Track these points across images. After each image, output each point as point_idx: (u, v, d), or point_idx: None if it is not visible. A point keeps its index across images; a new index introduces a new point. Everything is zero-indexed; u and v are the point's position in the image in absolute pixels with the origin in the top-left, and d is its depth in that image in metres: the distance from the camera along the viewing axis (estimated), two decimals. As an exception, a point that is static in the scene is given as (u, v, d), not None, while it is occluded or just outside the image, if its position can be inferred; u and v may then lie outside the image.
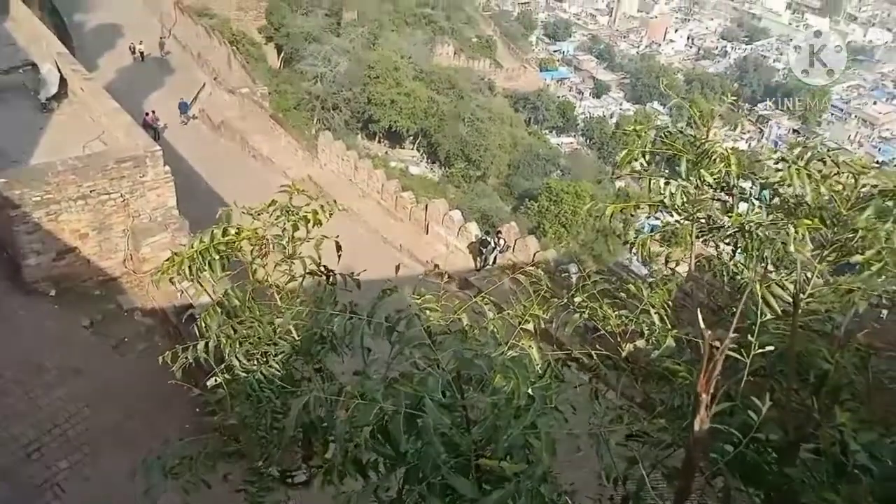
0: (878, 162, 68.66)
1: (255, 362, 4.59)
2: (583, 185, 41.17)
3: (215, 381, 4.54)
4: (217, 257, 4.59)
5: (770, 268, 4.95)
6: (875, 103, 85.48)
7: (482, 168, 47.82)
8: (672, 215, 5.36)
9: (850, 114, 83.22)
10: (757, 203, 5.33)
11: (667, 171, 5.54)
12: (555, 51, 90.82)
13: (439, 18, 70.64)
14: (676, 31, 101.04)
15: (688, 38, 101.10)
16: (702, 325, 3.41)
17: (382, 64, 45.76)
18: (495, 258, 19.93)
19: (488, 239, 19.96)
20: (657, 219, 5.92)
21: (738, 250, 5.21)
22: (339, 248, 4.90)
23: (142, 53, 32.73)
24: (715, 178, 5.20)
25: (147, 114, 25.96)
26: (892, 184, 4.55)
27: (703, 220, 5.37)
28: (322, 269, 4.82)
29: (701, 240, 5.51)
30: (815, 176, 4.69)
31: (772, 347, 3.64)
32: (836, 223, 4.66)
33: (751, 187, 5.44)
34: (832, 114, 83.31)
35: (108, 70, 29.01)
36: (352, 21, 52.95)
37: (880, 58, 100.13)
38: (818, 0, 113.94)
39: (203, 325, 4.55)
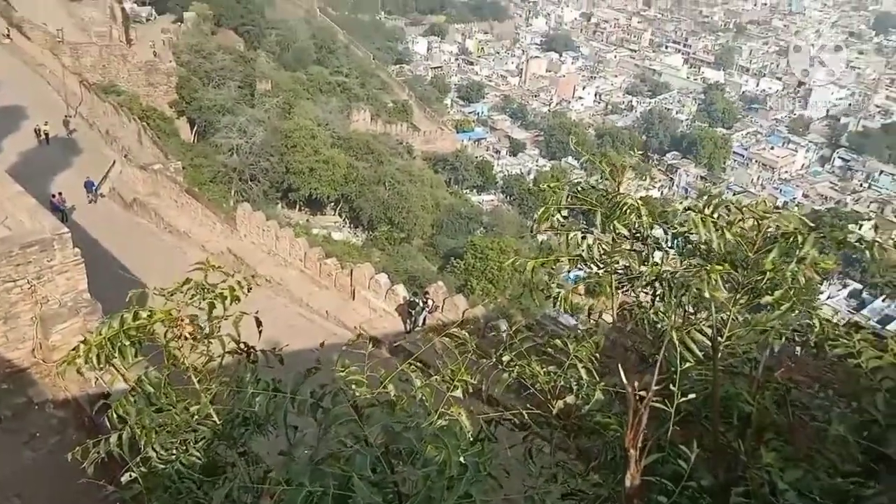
0: (777, 206, 72.15)
1: (175, 451, 4.34)
2: (506, 241, 41.83)
3: (130, 475, 4.26)
4: (128, 343, 4.38)
5: (691, 311, 5.01)
6: (773, 148, 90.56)
7: (406, 230, 47.98)
8: (592, 267, 5.41)
9: (750, 159, 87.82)
10: (671, 251, 5.42)
11: (584, 224, 5.62)
12: (470, 112, 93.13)
13: (354, 86, 71.62)
14: (584, 88, 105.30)
15: (595, 95, 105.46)
16: (624, 379, 3.43)
17: (299, 132, 45.77)
18: (424, 319, 19.81)
19: (416, 300, 19.86)
20: (581, 269, 5.89)
21: (657, 298, 5.28)
22: (258, 323, 4.75)
23: (46, 134, 31.76)
24: (628, 229, 5.28)
25: (54, 195, 25.08)
26: (792, 226, 4.72)
27: (621, 271, 5.42)
28: (242, 346, 4.65)
29: (622, 290, 5.55)
30: (719, 223, 4.79)
31: (694, 395, 3.68)
32: (746, 266, 4.78)
33: (663, 236, 5.56)
34: (734, 160, 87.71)
35: (11, 153, 28.05)
36: (266, 91, 53.09)
37: (773, 105, 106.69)
38: (712, 55, 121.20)
39: (115, 415, 4.30)
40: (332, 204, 49.68)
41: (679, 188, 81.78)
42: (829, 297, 52.09)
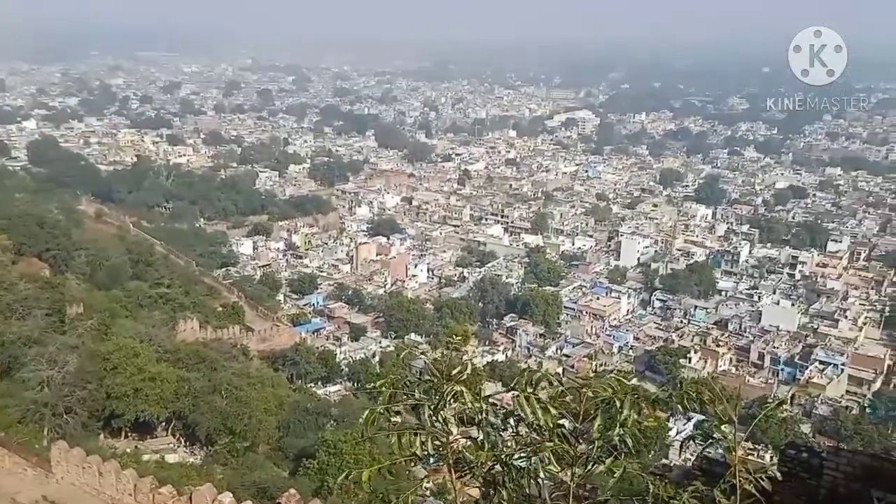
0: (595, 370, 75.43)
1: None
2: (360, 431, 39.96)
3: None
4: None
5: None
6: (598, 298, 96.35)
7: (249, 438, 44.86)
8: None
9: (581, 311, 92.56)
10: (506, 433, 5.38)
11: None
12: (305, 304, 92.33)
13: (177, 295, 69.36)
14: (416, 266, 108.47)
15: (428, 271, 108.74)
16: None
17: (119, 353, 42.67)
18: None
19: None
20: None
21: (499, 485, 5.22)
22: None
23: None
24: (460, 417, 5.35)
25: None
26: (609, 390, 4.76)
27: (459, 461, 5.39)
28: None
29: (463, 479, 5.44)
30: (543, 400, 4.81)
31: None
32: (576, 437, 4.92)
33: (496, 417, 5.41)
34: (567, 313, 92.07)
35: None
36: (78, 315, 49.67)
37: (590, 259, 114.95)
38: (528, 222, 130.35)
39: None
40: (164, 424, 45.76)
41: (521, 348, 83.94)
42: (678, 433, 53.60)
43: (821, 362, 74.58)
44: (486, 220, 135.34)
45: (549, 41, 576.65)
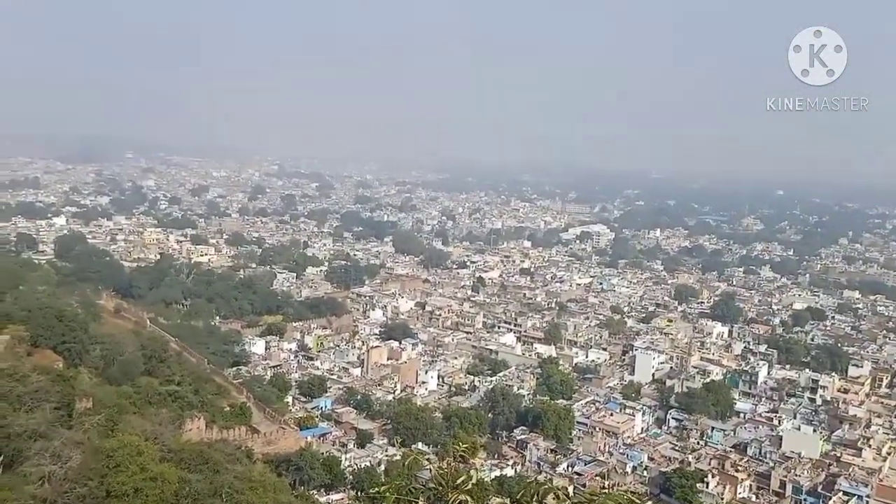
0: (626, 471, 73.01)
1: None
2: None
3: None
4: None
5: None
6: (612, 414, 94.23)
7: (248, 546, 43.21)
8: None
9: (594, 427, 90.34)
10: None
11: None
12: (313, 408, 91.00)
13: (187, 393, 69.05)
14: (427, 372, 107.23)
15: (438, 378, 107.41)
16: None
17: (123, 450, 41.72)
18: None
19: None
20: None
21: None
22: None
23: None
24: None
25: None
26: None
27: None
28: None
29: None
30: None
31: None
32: None
33: None
34: (579, 429, 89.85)
35: None
36: (86, 410, 49.22)
37: (604, 373, 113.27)
38: (541, 332, 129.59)
39: None
40: (163, 526, 44.23)
41: (531, 462, 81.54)
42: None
43: (845, 493, 71.59)
44: (499, 328, 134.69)
45: (566, 162, 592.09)
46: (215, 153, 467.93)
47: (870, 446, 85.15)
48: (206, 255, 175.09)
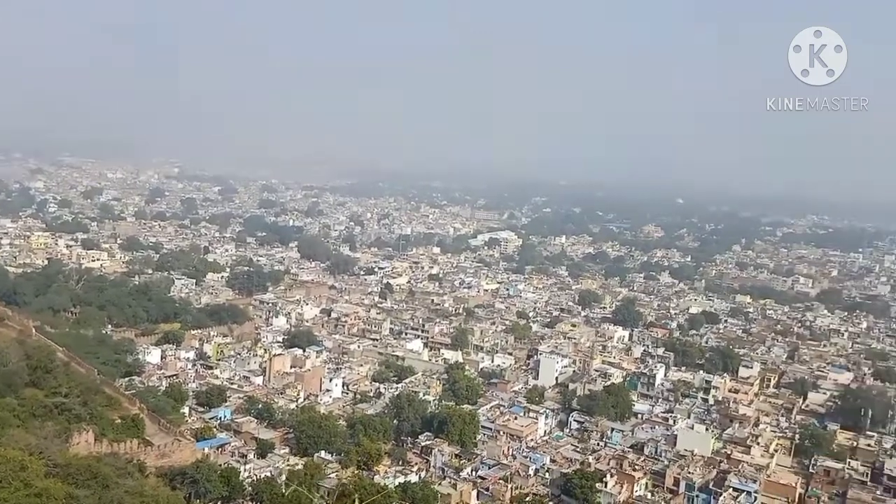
0: (511, 492, 72.81)
1: None
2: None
3: None
4: None
5: None
6: (516, 418, 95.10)
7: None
8: None
9: (498, 431, 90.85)
10: None
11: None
12: (211, 418, 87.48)
13: (74, 405, 65.68)
14: (331, 380, 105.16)
15: (343, 385, 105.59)
16: None
17: (6, 466, 39.63)
18: None
19: None
20: None
21: None
22: None
23: None
24: None
25: None
26: None
27: None
28: None
29: None
30: None
31: None
32: None
33: None
34: (484, 433, 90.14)
35: None
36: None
37: (509, 377, 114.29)
38: (448, 338, 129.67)
39: None
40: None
41: (436, 468, 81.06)
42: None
43: (734, 489, 74.45)
44: (406, 334, 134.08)
45: (476, 167, 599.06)
46: (109, 154, 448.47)
47: (758, 444, 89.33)
48: (98, 260, 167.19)
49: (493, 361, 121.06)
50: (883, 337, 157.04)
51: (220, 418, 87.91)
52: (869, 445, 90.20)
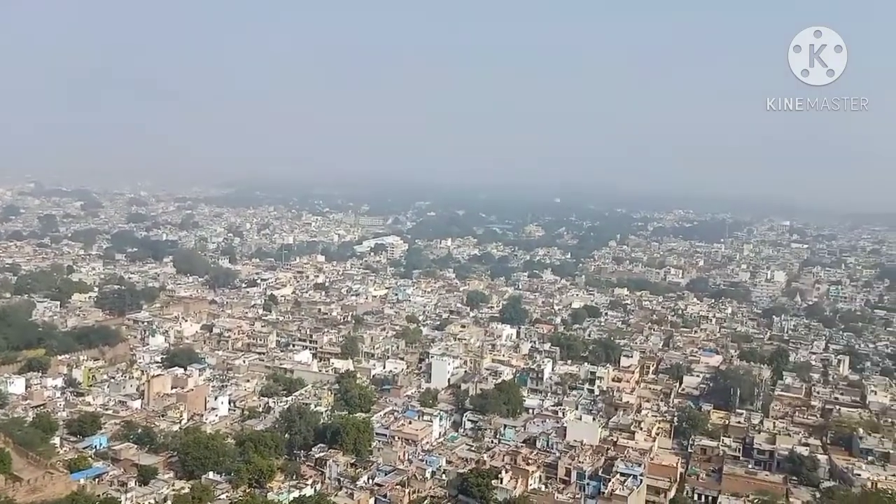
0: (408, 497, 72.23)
1: None
2: None
3: None
4: None
5: None
6: (410, 422, 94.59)
7: None
8: None
9: (393, 436, 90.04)
10: None
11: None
12: (85, 447, 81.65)
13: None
14: (217, 398, 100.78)
15: (230, 402, 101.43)
16: None
17: None
18: None
19: None
20: None
21: None
22: None
23: None
24: None
25: None
26: None
27: None
28: None
29: None
30: None
31: None
32: None
33: None
34: (379, 440, 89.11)
35: None
36: None
37: (402, 382, 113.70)
38: (338, 346, 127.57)
39: None
40: None
41: (331, 480, 79.19)
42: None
43: (622, 474, 77.00)
44: (294, 345, 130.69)
45: (358, 173, 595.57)
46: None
47: (641, 429, 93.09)
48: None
49: (384, 368, 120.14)
50: (746, 320, 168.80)
51: (96, 447, 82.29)
52: (739, 423, 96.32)
